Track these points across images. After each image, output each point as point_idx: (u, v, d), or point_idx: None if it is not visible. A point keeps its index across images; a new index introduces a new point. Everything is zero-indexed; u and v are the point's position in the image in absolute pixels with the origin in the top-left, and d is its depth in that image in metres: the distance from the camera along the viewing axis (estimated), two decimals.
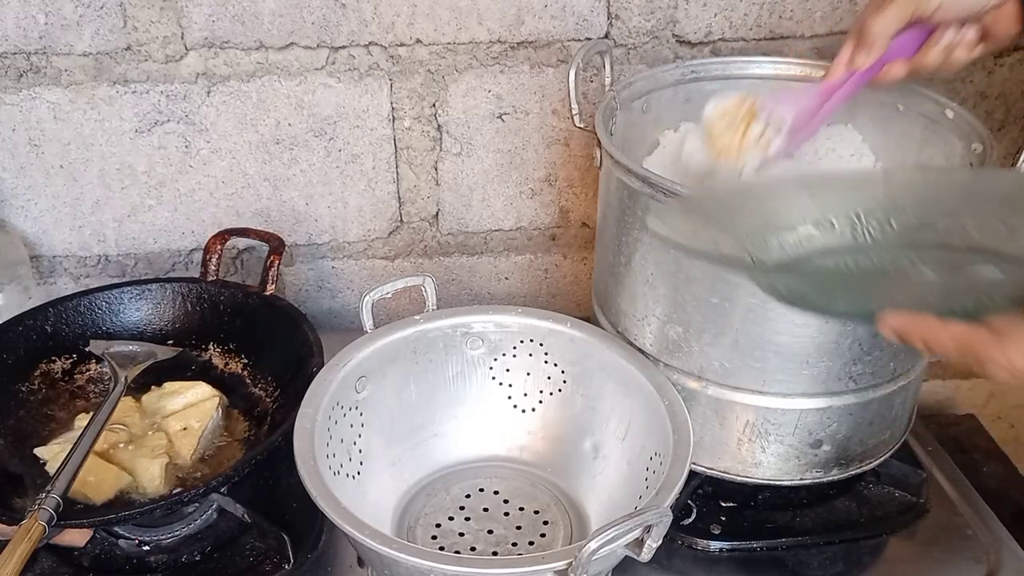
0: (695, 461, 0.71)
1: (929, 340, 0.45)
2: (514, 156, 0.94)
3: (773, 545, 0.73)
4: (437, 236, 0.98)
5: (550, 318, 0.75)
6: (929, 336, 0.45)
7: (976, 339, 0.44)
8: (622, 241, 0.70)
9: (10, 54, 0.84)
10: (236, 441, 0.79)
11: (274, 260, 0.86)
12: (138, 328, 0.87)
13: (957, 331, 0.45)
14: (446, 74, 0.89)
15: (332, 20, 0.85)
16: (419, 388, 0.75)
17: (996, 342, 0.44)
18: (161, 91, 0.87)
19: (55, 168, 0.90)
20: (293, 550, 0.69)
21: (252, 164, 0.91)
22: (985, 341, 0.44)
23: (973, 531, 0.74)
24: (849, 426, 0.69)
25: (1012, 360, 0.43)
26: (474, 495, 0.73)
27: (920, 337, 0.46)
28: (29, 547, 0.59)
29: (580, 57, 0.73)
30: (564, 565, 0.52)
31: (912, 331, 0.46)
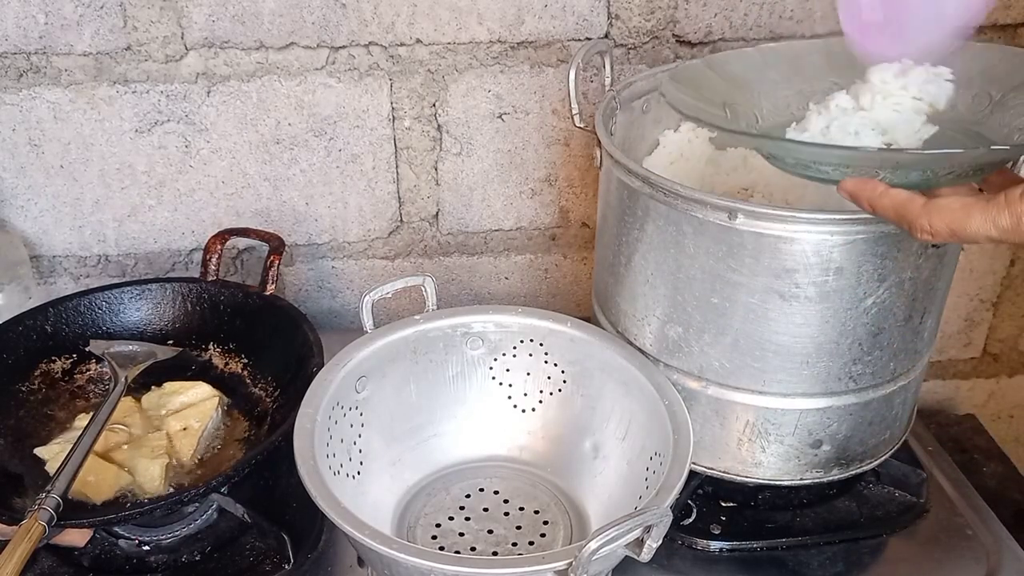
0: (695, 461, 0.71)
1: (873, 202, 0.51)
2: (514, 156, 0.94)
3: (773, 545, 0.73)
4: (437, 236, 0.98)
5: (550, 318, 0.75)
6: (873, 198, 0.51)
7: (908, 204, 0.49)
8: (622, 241, 0.70)
9: (10, 54, 0.84)
10: (236, 441, 0.79)
11: (274, 260, 0.86)
12: (138, 328, 0.87)
13: (896, 195, 0.50)
14: (446, 74, 0.89)
15: (332, 20, 0.85)
16: (419, 388, 0.75)
17: (922, 208, 0.49)
18: (161, 91, 0.87)
19: (55, 168, 0.90)
20: (293, 550, 0.69)
21: (252, 164, 0.91)
22: (915, 207, 0.49)
23: (973, 531, 0.74)
24: (849, 426, 0.69)
25: (932, 224, 0.48)
26: (474, 495, 0.73)
27: (866, 199, 0.51)
28: (29, 547, 0.59)
29: (580, 57, 0.73)
30: (564, 565, 0.52)
31: (860, 193, 0.52)
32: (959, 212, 0.48)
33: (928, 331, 0.69)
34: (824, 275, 0.61)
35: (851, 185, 0.52)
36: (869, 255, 0.60)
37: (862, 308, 0.63)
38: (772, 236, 0.60)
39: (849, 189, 0.52)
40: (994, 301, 1.05)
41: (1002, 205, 0.46)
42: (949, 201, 0.48)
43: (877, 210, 0.51)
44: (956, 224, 0.48)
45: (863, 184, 0.52)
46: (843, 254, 0.60)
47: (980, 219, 0.47)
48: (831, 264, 0.60)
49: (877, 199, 0.51)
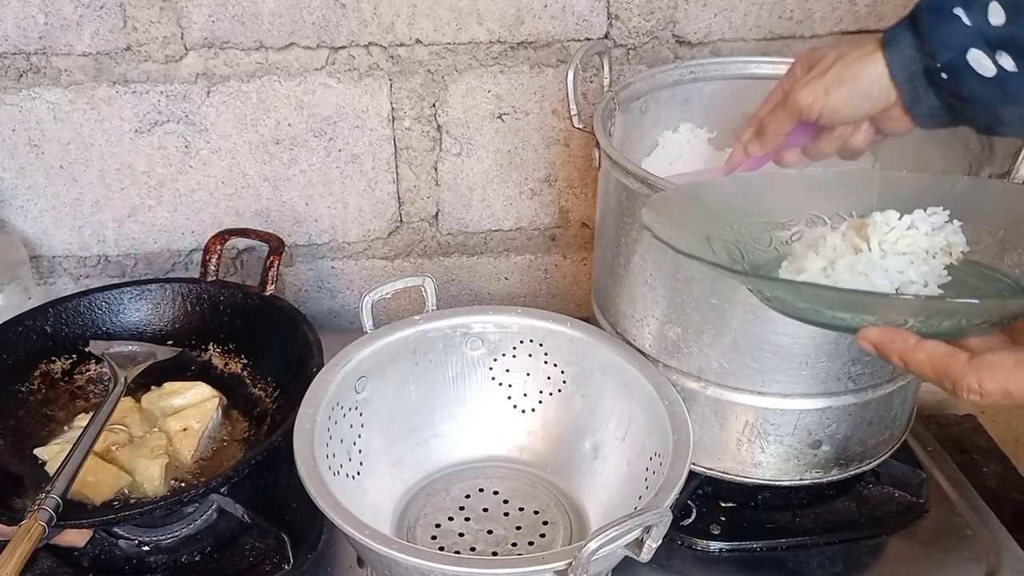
0: (695, 461, 0.71)
1: (906, 358, 0.46)
2: (514, 156, 0.94)
3: (773, 545, 0.73)
4: (437, 236, 0.98)
5: (550, 318, 0.75)
6: (906, 354, 0.45)
7: (950, 361, 0.44)
8: (621, 242, 0.70)
9: (10, 54, 0.84)
10: (236, 441, 0.79)
11: (274, 260, 0.86)
12: (138, 328, 0.87)
13: (933, 351, 0.45)
14: (446, 74, 0.89)
15: (332, 20, 0.85)
16: (419, 388, 0.75)
17: (968, 365, 0.43)
18: (161, 91, 0.87)
19: (55, 168, 0.90)
20: (293, 550, 0.69)
21: (252, 164, 0.91)
22: (959, 364, 0.44)
23: (973, 531, 0.74)
24: (848, 426, 0.69)
25: (983, 384, 0.43)
26: (474, 495, 0.73)
27: (897, 353, 0.46)
28: (29, 547, 0.59)
29: (579, 57, 0.73)
30: (564, 565, 0.52)
31: (890, 347, 0.46)
32: (1014, 371, 0.42)
33: None
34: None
35: (876, 336, 0.46)
36: None
37: None
38: None
39: (874, 340, 0.47)
40: None
41: None
42: (1000, 358, 0.43)
43: (911, 365, 0.45)
44: (1012, 384, 0.43)
45: (891, 335, 0.46)
46: None
47: None
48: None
49: (911, 353, 0.45)
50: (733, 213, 0.58)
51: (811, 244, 0.54)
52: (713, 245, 0.55)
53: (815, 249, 0.53)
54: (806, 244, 0.55)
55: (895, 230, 0.52)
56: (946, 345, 0.45)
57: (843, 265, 0.52)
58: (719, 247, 0.55)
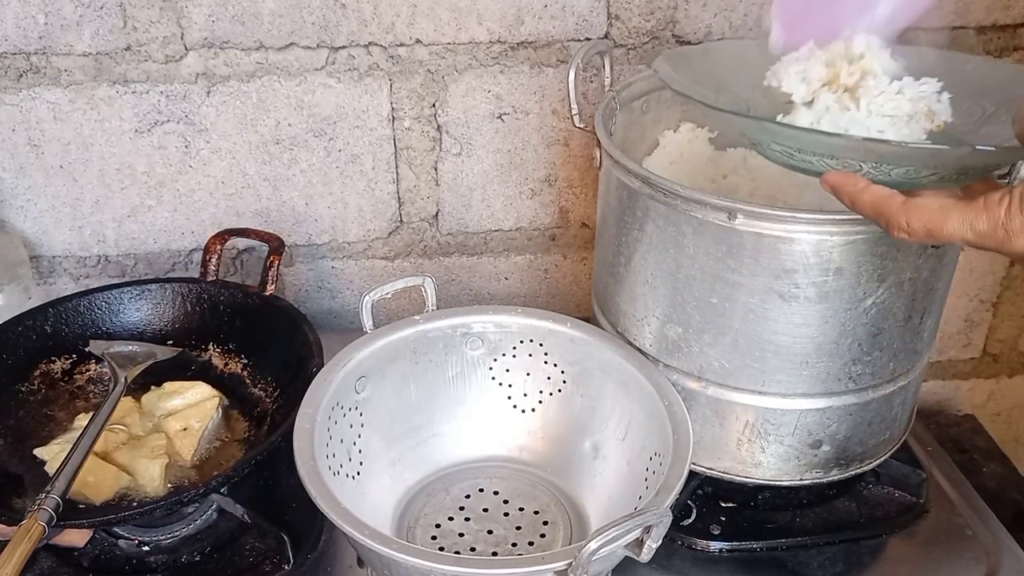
0: (695, 461, 0.71)
1: (853, 198, 0.51)
2: (514, 156, 0.94)
3: (773, 545, 0.73)
4: (437, 236, 0.98)
5: (550, 318, 0.75)
6: (854, 195, 0.50)
7: (888, 201, 0.49)
8: (622, 241, 0.70)
9: (10, 54, 0.84)
10: (236, 441, 0.79)
11: (274, 260, 0.86)
12: (138, 328, 0.87)
13: (876, 193, 0.50)
14: (446, 74, 0.89)
15: (332, 20, 0.85)
16: (419, 388, 0.75)
17: (901, 206, 0.48)
18: (161, 91, 0.87)
19: (55, 168, 0.90)
20: (293, 550, 0.69)
21: (252, 164, 0.91)
22: (894, 204, 0.49)
23: (973, 531, 0.74)
24: (849, 426, 0.69)
25: (910, 223, 0.48)
26: (474, 495, 0.73)
27: (847, 195, 0.51)
28: (29, 547, 0.59)
29: (580, 57, 0.73)
30: (564, 565, 0.52)
31: (841, 188, 0.51)
32: (937, 212, 0.47)
33: (928, 331, 0.69)
34: (824, 275, 0.61)
35: (834, 178, 0.52)
36: (868, 255, 0.60)
37: (862, 308, 0.63)
38: (772, 236, 0.60)
39: (832, 182, 0.52)
40: (994, 301, 1.05)
41: (980, 208, 0.46)
42: (928, 201, 0.48)
43: (856, 206, 0.51)
44: (933, 224, 0.47)
45: (845, 178, 0.51)
46: (842, 254, 0.60)
47: (957, 221, 0.47)
48: (830, 264, 0.60)
49: (858, 194, 0.50)
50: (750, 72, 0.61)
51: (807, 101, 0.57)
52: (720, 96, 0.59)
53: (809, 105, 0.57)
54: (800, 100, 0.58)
55: (884, 93, 0.55)
56: (888, 189, 0.50)
57: (827, 121, 0.55)
58: (725, 99, 0.59)
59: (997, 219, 0.45)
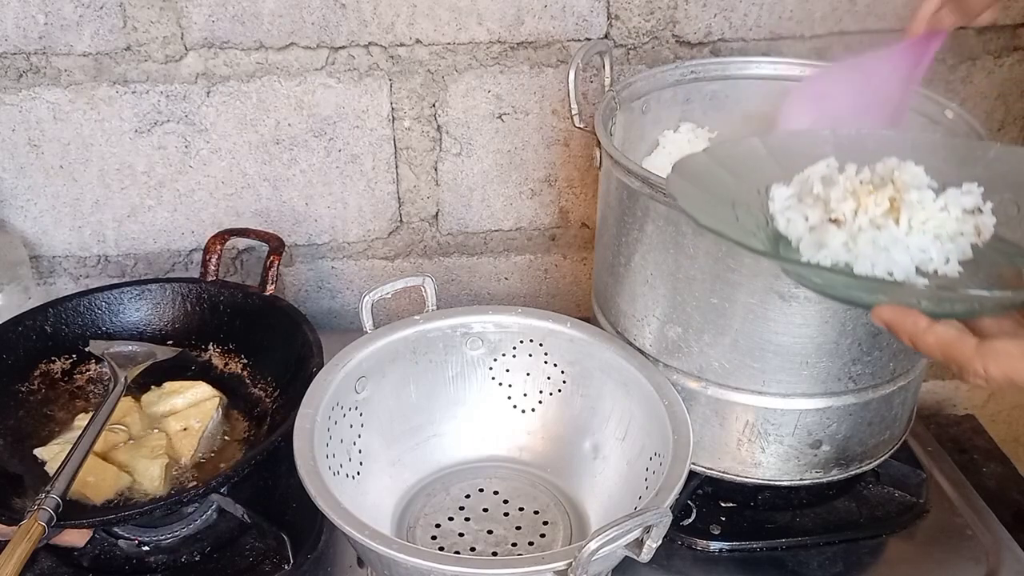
0: (695, 461, 0.71)
1: (915, 340, 0.46)
2: (514, 156, 0.94)
3: (773, 545, 0.73)
4: (437, 236, 0.98)
5: (550, 318, 0.75)
6: (916, 336, 0.46)
7: (958, 346, 0.45)
8: (622, 241, 0.70)
9: (10, 54, 0.84)
10: (236, 441, 0.79)
11: (274, 260, 0.86)
12: (138, 328, 0.87)
13: (942, 335, 0.45)
14: (446, 74, 0.89)
15: (332, 20, 0.85)
16: (419, 388, 0.75)
17: (976, 351, 0.44)
18: (161, 91, 0.87)
19: (55, 168, 0.90)
20: (293, 550, 0.69)
21: (252, 164, 0.91)
22: (966, 349, 0.44)
23: (973, 531, 0.74)
24: (849, 426, 0.69)
25: (988, 370, 0.44)
26: (474, 495, 0.73)
27: (908, 335, 0.46)
28: (29, 547, 0.59)
29: (580, 57, 0.73)
30: (564, 565, 0.52)
31: (901, 328, 0.47)
32: (1020, 360, 0.43)
33: None
34: None
35: (888, 316, 0.47)
36: None
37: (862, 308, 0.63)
38: None
39: (886, 319, 0.47)
40: None
41: None
42: (1007, 346, 0.44)
43: (920, 347, 0.46)
44: (1016, 372, 0.43)
45: (903, 316, 0.46)
46: None
47: None
48: None
49: (920, 336, 0.46)
50: (760, 176, 0.57)
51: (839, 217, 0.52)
52: (738, 211, 0.54)
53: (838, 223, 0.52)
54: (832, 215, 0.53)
55: (926, 210, 0.51)
56: (955, 330, 0.45)
57: (865, 240, 0.51)
58: (744, 213, 0.54)
59: None
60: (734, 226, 0.53)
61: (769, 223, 0.55)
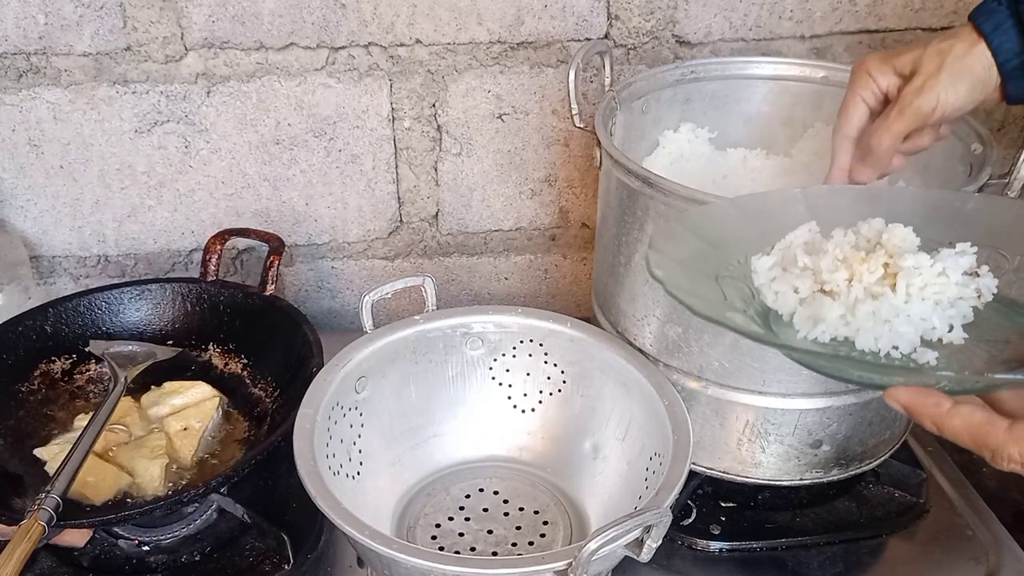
0: (695, 461, 0.71)
1: (939, 423, 0.44)
2: (514, 156, 0.94)
3: (773, 545, 0.73)
4: (437, 236, 0.98)
5: (550, 318, 0.75)
6: (939, 419, 0.44)
7: (989, 430, 0.42)
8: (622, 241, 0.70)
9: (10, 54, 0.84)
10: (236, 441, 0.79)
11: (274, 260, 0.86)
12: (138, 328, 0.87)
13: (969, 418, 0.43)
14: (446, 74, 0.89)
15: (332, 20, 0.85)
16: (419, 388, 0.75)
17: (1008, 435, 0.42)
18: (161, 91, 0.87)
19: (55, 168, 0.90)
20: (293, 550, 0.69)
21: (252, 164, 0.91)
22: (998, 433, 0.42)
23: (973, 531, 0.74)
24: (849, 426, 0.69)
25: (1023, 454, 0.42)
26: (474, 495, 0.73)
27: (930, 418, 0.44)
28: (29, 547, 0.59)
29: (580, 57, 0.73)
30: (564, 565, 0.52)
31: (922, 412, 0.44)
32: None
33: None
34: None
35: (905, 399, 0.44)
36: None
37: None
38: None
39: (904, 403, 0.44)
40: None
41: None
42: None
43: (945, 432, 0.43)
44: None
45: (923, 399, 0.44)
46: None
47: None
48: None
49: (944, 420, 0.43)
50: (738, 244, 0.54)
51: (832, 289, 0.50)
52: (723, 286, 0.52)
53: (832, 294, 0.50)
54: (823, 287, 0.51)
55: (924, 276, 0.49)
56: (982, 411, 0.43)
57: (864, 312, 0.49)
58: (729, 287, 0.52)
59: None
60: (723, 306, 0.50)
61: (755, 296, 0.52)
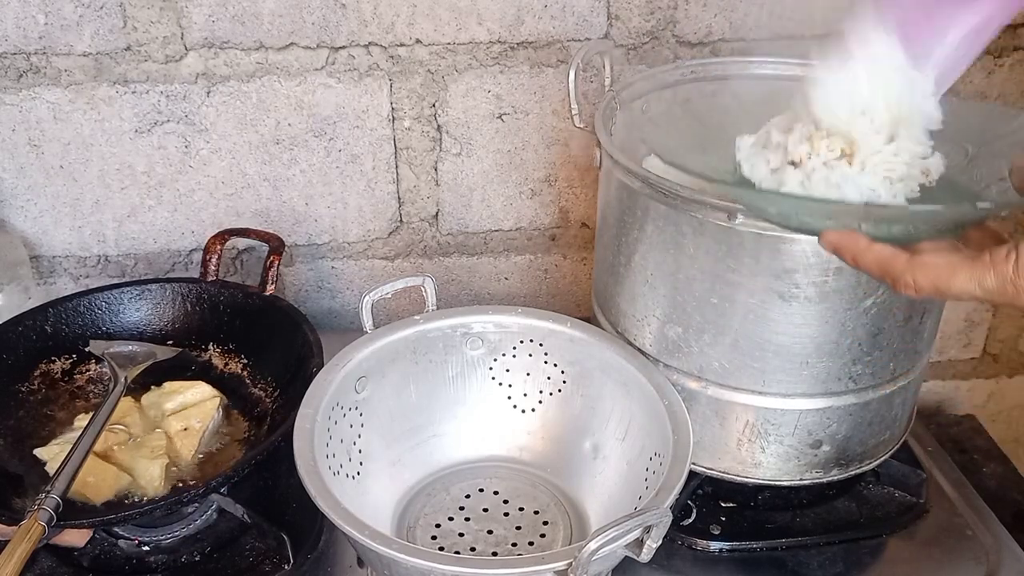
0: (695, 461, 0.71)
1: (857, 258, 0.50)
2: (514, 156, 0.94)
3: (773, 545, 0.73)
4: (437, 236, 0.98)
5: (550, 318, 0.75)
6: (857, 254, 0.50)
7: (892, 260, 0.49)
8: (622, 241, 0.70)
9: (10, 54, 0.84)
10: (236, 441, 0.79)
11: (274, 260, 0.86)
12: (138, 328, 0.87)
13: (880, 252, 0.50)
14: (446, 74, 0.89)
15: (332, 20, 0.85)
16: (419, 388, 0.75)
17: (907, 264, 0.48)
18: (161, 91, 0.87)
19: (55, 168, 0.90)
20: (293, 550, 0.69)
21: (252, 164, 0.91)
22: (899, 262, 0.49)
23: (973, 531, 0.74)
24: (849, 426, 0.69)
25: (917, 281, 0.48)
26: (474, 495, 0.73)
27: (850, 253, 0.51)
28: (29, 547, 0.59)
29: (580, 57, 0.73)
30: (564, 565, 0.52)
31: (844, 248, 0.51)
32: (944, 270, 0.48)
33: (928, 331, 0.69)
34: (823, 275, 0.61)
35: (834, 238, 0.52)
36: None
37: (862, 308, 0.63)
38: (772, 236, 0.60)
39: (832, 242, 0.52)
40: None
41: (987, 265, 0.46)
42: (933, 258, 0.48)
43: (860, 265, 0.51)
44: (941, 282, 0.48)
45: (846, 238, 0.51)
46: None
47: (965, 278, 0.47)
48: (830, 264, 0.60)
49: (860, 254, 0.50)
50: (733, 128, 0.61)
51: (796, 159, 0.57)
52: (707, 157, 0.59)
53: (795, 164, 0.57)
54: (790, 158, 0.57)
55: (880, 154, 0.55)
56: (891, 247, 0.50)
57: (819, 178, 0.55)
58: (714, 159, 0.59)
59: (1005, 275, 0.45)
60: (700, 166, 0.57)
61: (736, 170, 0.60)
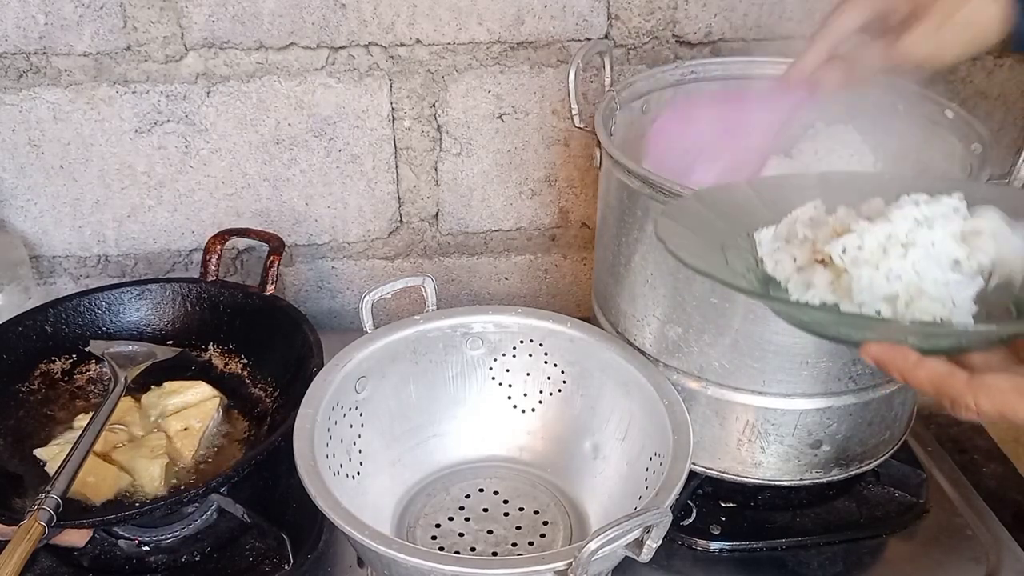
0: (695, 461, 0.71)
1: (906, 375, 0.46)
2: (514, 156, 0.94)
3: (773, 545, 0.73)
4: (437, 236, 0.98)
5: (550, 318, 0.75)
6: (906, 372, 0.46)
7: (949, 380, 0.45)
8: (622, 241, 0.70)
9: (10, 54, 0.84)
10: (236, 441, 0.79)
11: (274, 260, 0.86)
12: (138, 328, 0.87)
13: (932, 370, 0.46)
14: (446, 74, 0.89)
15: (332, 20, 0.85)
16: (419, 388, 0.75)
17: (967, 385, 0.44)
18: (161, 91, 0.87)
19: (55, 168, 0.90)
20: (293, 550, 0.69)
21: (252, 164, 0.91)
22: (958, 383, 0.45)
23: (973, 531, 0.74)
24: (849, 426, 0.69)
25: (979, 405, 0.44)
26: (474, 495, 0.73)
27: (898, 371, 0.47)
28: (29, 547, 0.59)
29: (580, 57, 0.73)
30: (564, 565, 0.52)
31: (890, 364, 0.47)
32: (1011, 395, 0.43)
33: None
34: None
35: (877, 352, 0.47)
36: None
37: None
38: None
39: (875, 356, 0.47)
40: None
41: None
42: (998, 380, 0.44)
43: (911, 382, 0.46)
44: (1007, 407, 0.43)
45: (892, 353, 0.46)
46: None
47: None
48: None
49: (911, 371, 0.46)
50: (751, 220, 0.56)
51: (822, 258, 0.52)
52: (728, 254, 0.54)
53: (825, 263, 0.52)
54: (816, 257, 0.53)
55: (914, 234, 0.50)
56: (946, 364, 0.45)
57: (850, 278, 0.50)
58: (734, 256, 0.54)
59: None
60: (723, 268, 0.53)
61: (759, 265, 0.55)
